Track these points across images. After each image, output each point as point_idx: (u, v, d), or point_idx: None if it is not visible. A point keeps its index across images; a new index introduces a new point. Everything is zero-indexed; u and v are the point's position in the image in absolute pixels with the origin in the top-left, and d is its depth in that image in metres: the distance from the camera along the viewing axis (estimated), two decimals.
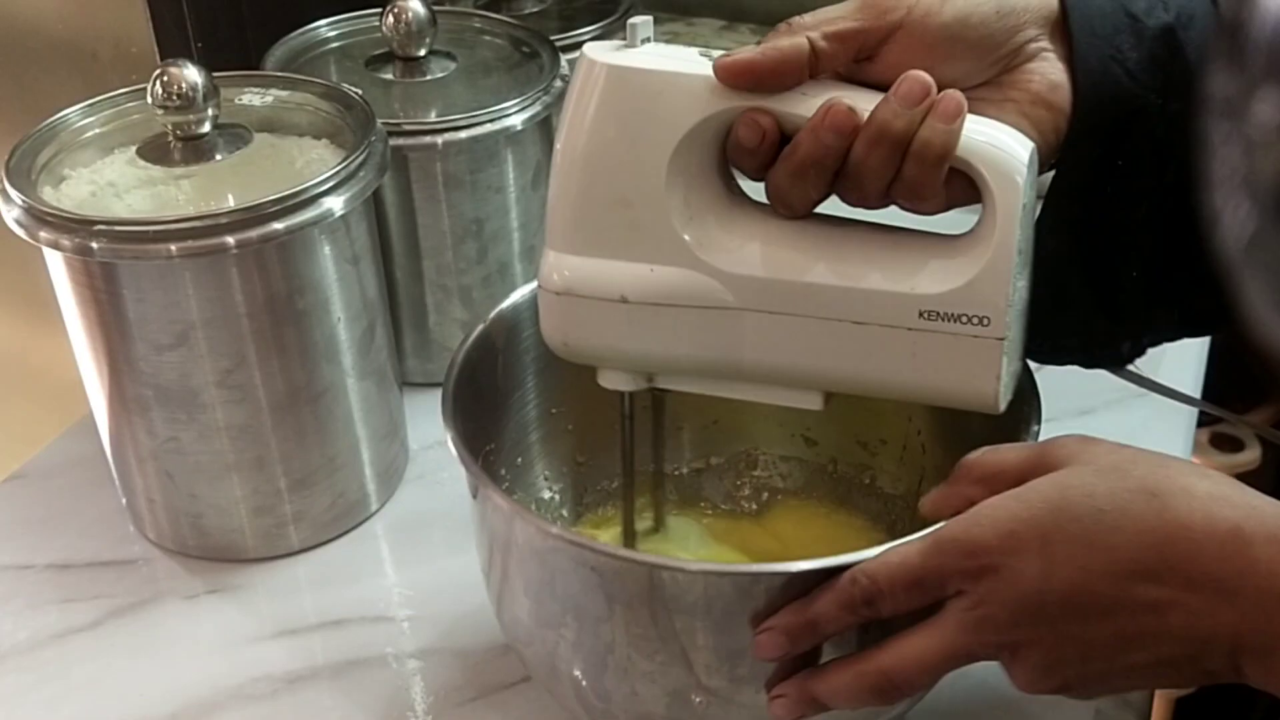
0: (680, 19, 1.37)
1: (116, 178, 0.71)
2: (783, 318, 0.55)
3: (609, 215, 0.55)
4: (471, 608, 0.72)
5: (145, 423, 0.72)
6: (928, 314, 0.53)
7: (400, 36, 0.86)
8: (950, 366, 0.54)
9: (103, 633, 0.72)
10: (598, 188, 0.55)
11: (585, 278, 0.56)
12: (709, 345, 0.56)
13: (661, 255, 0.55)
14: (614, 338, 0.57)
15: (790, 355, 0.56)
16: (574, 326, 0.57)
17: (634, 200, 0.54)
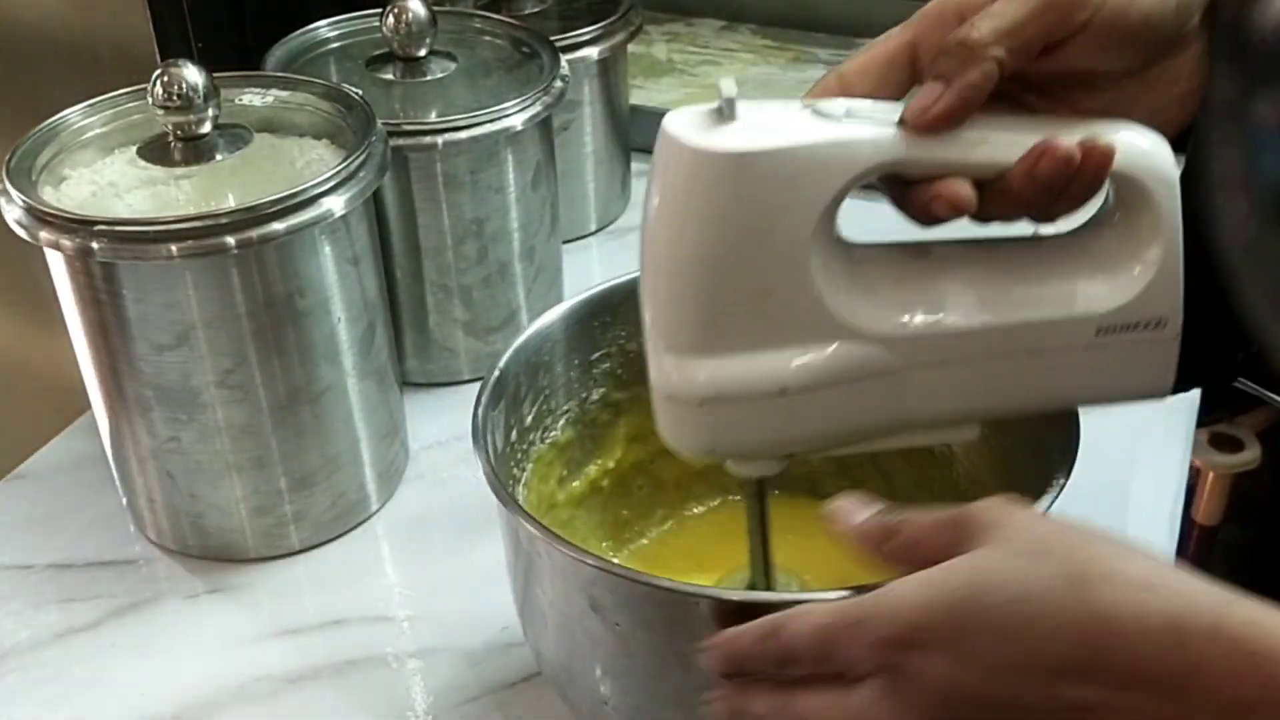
0: (680, 19, 1.37)
1: (117, 178, 0.71)
2: (951, 366, 0.51)
3: (746, 308, 0.49)
4: (472, 607, 0.72)
5: (146, 423, 0.72)
6: (1105, 330, 0.51)
7: (400, 37, 0.86)
8: (1127, 371, 0.52)
9: (103, 632, 0.72)
10: (729, 284, 0.49)
11: (733, 378, 0.50)
12: (874, 411, 0.52)
13: (812, 334, 0.50)
14: (772, 431, 0.51)
15: (960, 399, 0.52)
16: (724, 431, 0.51)
17: (774, 287, 0.49)
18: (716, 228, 0.48)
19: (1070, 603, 0.41)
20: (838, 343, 0.50)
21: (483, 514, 0.79)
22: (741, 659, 0.48)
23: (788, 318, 0.50)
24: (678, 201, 0.49)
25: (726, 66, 1.28)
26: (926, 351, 0.51)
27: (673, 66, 1.28)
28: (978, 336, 0.51)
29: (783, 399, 0.50)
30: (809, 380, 0.50)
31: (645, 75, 1.26)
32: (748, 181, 0.48)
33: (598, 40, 0.99)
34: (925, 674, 0.43)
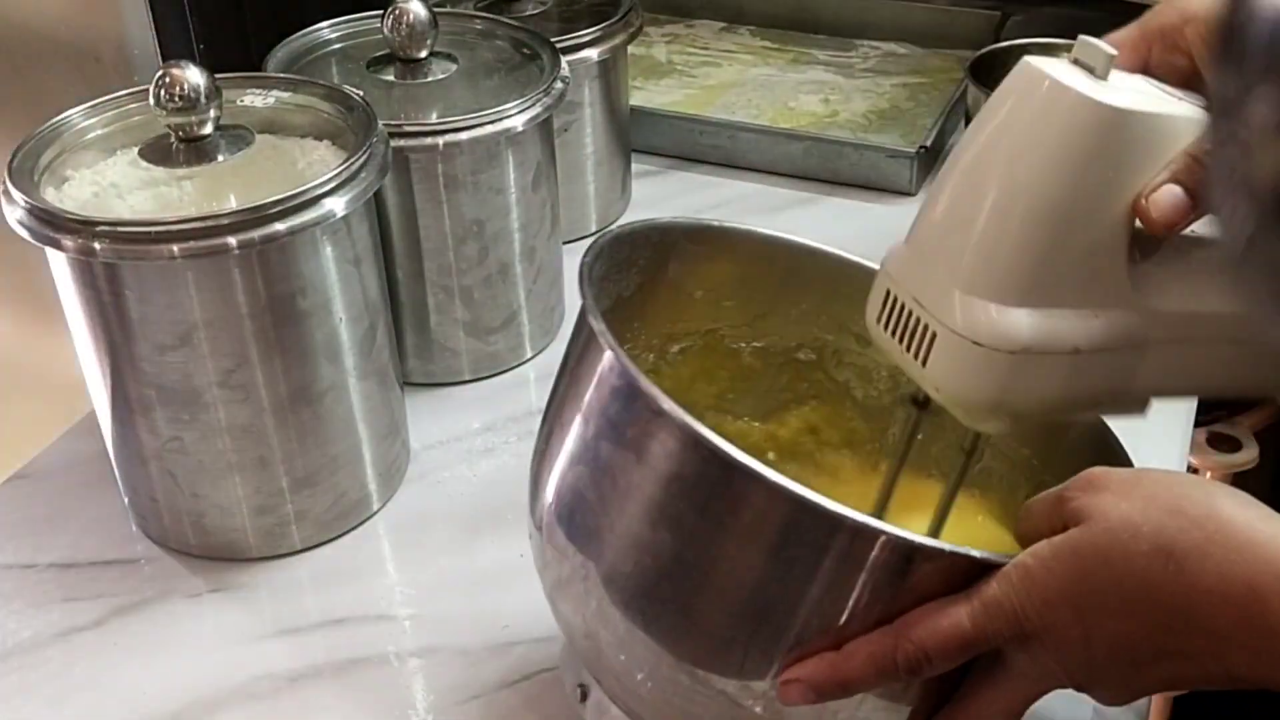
0: (680, 20, 1.37)
1: (119, 179, 0.71)
2: (1186, 346, 0.53)
3: (1076, 263, 0.50)
4: (472, 606, 0.73)
5: (148, 422, 0.72)
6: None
7: (401, 38, 0.86)
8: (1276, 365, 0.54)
9: (105, 632, 0.72)
10: (1073, 235, 0.50)
11: (1044, 332, 0.50)
12: (1112, 380, 0.53)
13: (1109, 300, 0.51)
14: (1050, 391, 0.52)
15: (1175, 378, 0.54)
16: (1017, 384, 0.51)
17: (1104, 247, 0.50)
18: (1082, 177, 0.49)
19: (1165, 581, 0.47)
20: (1121, 310, 0.51)
21: (483, 514, 0.79)
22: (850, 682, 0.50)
23: (1100, 279, 0.51)
24: (1047, 142, 0.49)
25: (726, 67, 1.28)
26: (1175, 328, 0.53)
27: (673, 68, 1.28)
28: (1211, 320, 0.53)
29: (1072, 359, 0.51)
30: (1097, 343, 0.51)
31: (645, 77, 1.26)
32: (1121, 137, 0.49)
33: (598, 42, 1.00)
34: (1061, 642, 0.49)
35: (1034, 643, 0.49)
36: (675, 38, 1.34)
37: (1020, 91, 0.50)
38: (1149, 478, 0.50)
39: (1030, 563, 0.49)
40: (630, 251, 0.62)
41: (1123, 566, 0.47)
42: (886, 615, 0.50)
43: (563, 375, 0.58)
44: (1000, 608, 0.49)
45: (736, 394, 0.71)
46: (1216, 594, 0.46)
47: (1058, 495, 0.51)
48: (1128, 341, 0.52)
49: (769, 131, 1.13)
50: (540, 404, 0.84)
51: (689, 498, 0.51)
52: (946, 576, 0.49)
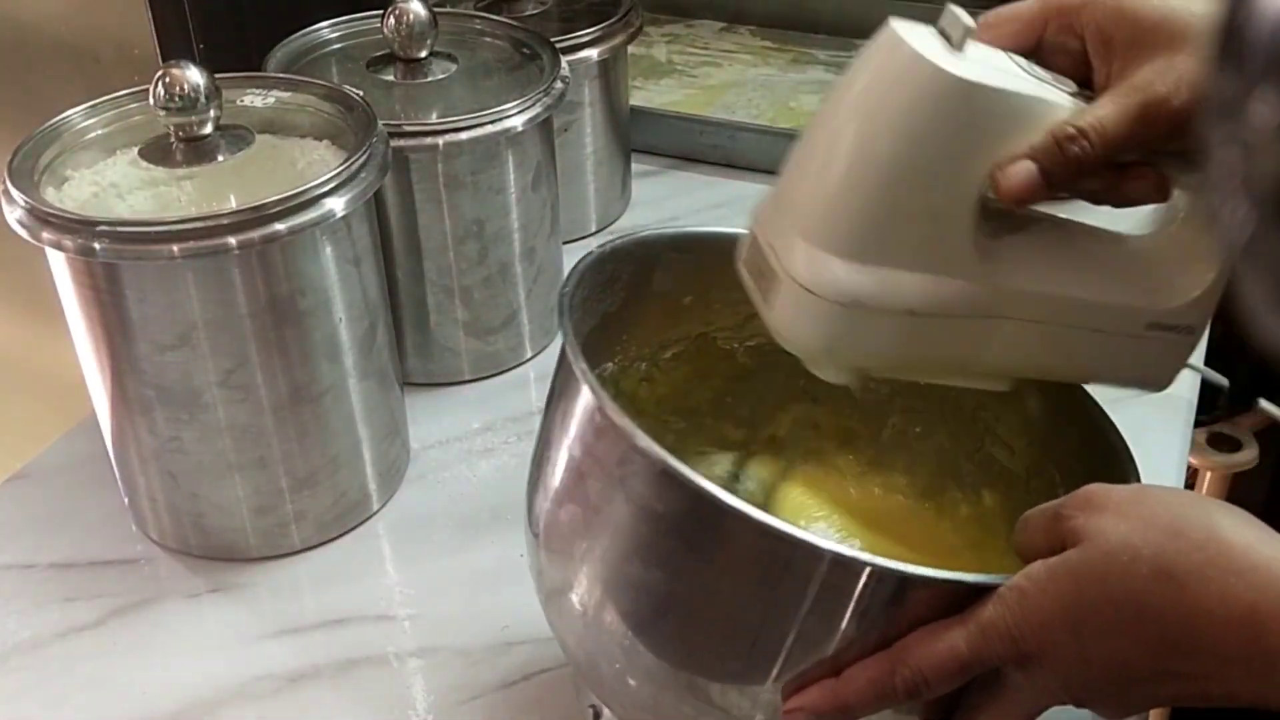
0: (680, 21, 1.37)
1: (119, 179, 0.71)
2: (1035, 325, 0.55)
3: (914, 227, 0.52)
4: (472, 606, 0.73)
5: (147, 422, 0.72)
6: (1154, 325, 0.55)
7: (401, 38, 0.86)
8: (1147, 363, 0.57)
9: (105, 632, 0.72)
10: (912, 198, 0.51)
11: (876, 288, 0.52)
12: (958, 349, 0.55)
13: (950, 268, 0.53)
14: (883, 346, 0.54)
15: (1023, 356, 0.56)
16: (846, 336, 0.53)
17: (946, 214, 0.52)
18: (924, 141, 0.50)
19: (1165, 603, 0.47)
20: (963, 281, 0.53)
21: (483, 514, 0.79)
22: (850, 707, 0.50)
23: (940, 246, 0.52)
24: (893, 106, 0.50)
25: (726, 67, 1.28)
26: (1025, 307, 0.54)
27: (673, 68, 1.28)
28: (1069, 304, 0.55)
29: (906, 319, 0.52)
30: (934, 308, 0.53)
31: (645, 76, 1.26)
32: (970, 108, 0.50)
33: (598, 42, 1.00)
34: (1059, 662, 0.48)
35: (1032, 664, 0.49)
36: (675, 38, 1.34)
37: (876, 53, 0.51)
38: (1149, 497, 0.50)
39: (1026, 585, 0.49)
40: (613, 269, 0.62)
41: (1121, 589, 0.47)
42: (883, 640, 0.50)
43: (549, 406, 0.59)
44: (996, 630, 0.49)
45: (734, 395, 0.71)
46: (1217, 617, 0.46)
47: (1055, 512, 0.51)
48: (972, 312, 0.53)
49: (769, 131, 1.13)
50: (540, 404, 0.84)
51: (674, 534, 0.51)
52: (940, 601, 0.50)
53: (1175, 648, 0.47)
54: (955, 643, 0.49)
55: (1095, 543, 0.48)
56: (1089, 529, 0.49)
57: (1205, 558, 0.46)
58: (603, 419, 0.52)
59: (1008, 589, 0.49)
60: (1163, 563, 0.47)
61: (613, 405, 0.51)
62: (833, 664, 0.50)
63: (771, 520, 0.48)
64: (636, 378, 0.68)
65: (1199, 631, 0.46)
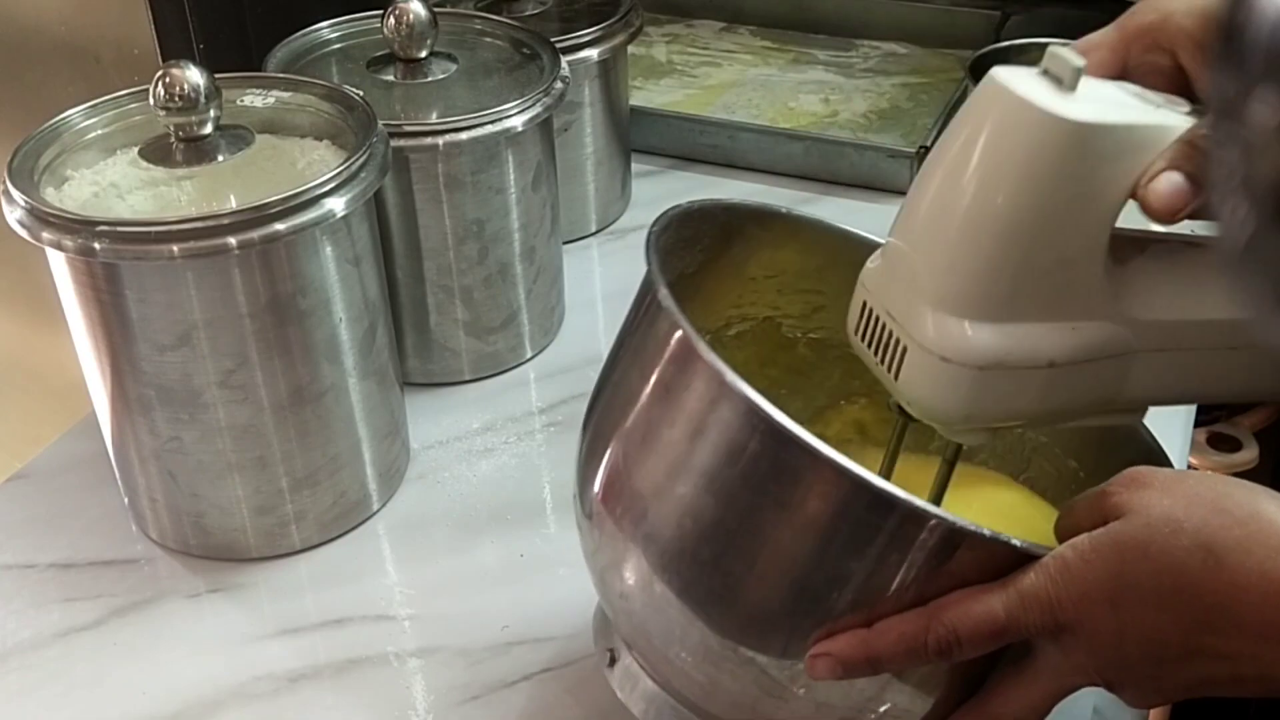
0: (680, 20, 1.37)
1: (119, 179, 0.71)
2: (1171, 353, 0.53)
3: (1046, 278, 0.50)
4: (472, 606, 0.73)
5: (147, 422, 0.72)
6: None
7: (401, 38, 0.86)
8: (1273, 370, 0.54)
9: (105, 632, 0.72)
10: (1041, 251, 0.50)
11: (1014, 347, 0.50)
12: (1098, 392, 0.53)
13: (1085, 312, 0.51)
14: (1025, 403, 0.52)
15: (1165, 386, 0.54)
16: (987, 399, 0.51)
17: (1076, 260, 0.50)
18: (1046, 191, 0.49)
19: (1205, 576, 0.46)
20: (1099, 322, 0.51)
21: (483, 514, 0.79)
22: (879, 659, 0.50)
23: (1073, 292, 0.50)
24: (1012, 159, 0.49)
25: (726, 67, 1.28)
26: (1161, 337, 0.52)
27: (673, 68, 1.28)
28: (1200, 328, 0.53)
29: (1047, 372, 0.51)
30: (1074, 355, 0.51)
31: (645, 76, 1.26)
32: (1087, 152, 0.49)
33: (598, 42, 1.00)
34: (1095, 634, 0.48)
35: (1066, 635, 0.49)
36: (675, 38, 1.34)
37: (985, 106, 0.50)
38: (1193, 477, 0.50)
39: (1069, 555, 0.49)
40: (697, 228, 0.61)
41: (1162, 561, 0.47)
42: (921, 598, 0.50)
43: (622, 346, 0.57)
44: (1036, 598, 0.49)
45: (789, 387, 0.70)
46: (1256, 592, 0.46)
47: (1100, 491, 0.51)
48: (1109, 352, 0.52)
49: (769, 131, 1.13)
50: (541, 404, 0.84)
51: (743, 469, 0.50)
52: (985, 564, 0.49)
53: (1212, 624, 0.47)
54: (993, 606, 0.49)
55: (1138, 515, 0.48)
56: (1133, 503, 0.49)
57: (1247, 533, 0.46)
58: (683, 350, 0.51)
59: (1051, 558, 0.49)
60: (1204, 537, 0.47)
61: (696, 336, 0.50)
62: (866, 615, 0.50)
63: (847, 462, 0.47)
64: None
65: (1238, 606, 0.46)
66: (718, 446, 0.51)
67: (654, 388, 0.54)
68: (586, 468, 0.58)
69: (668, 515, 0.53)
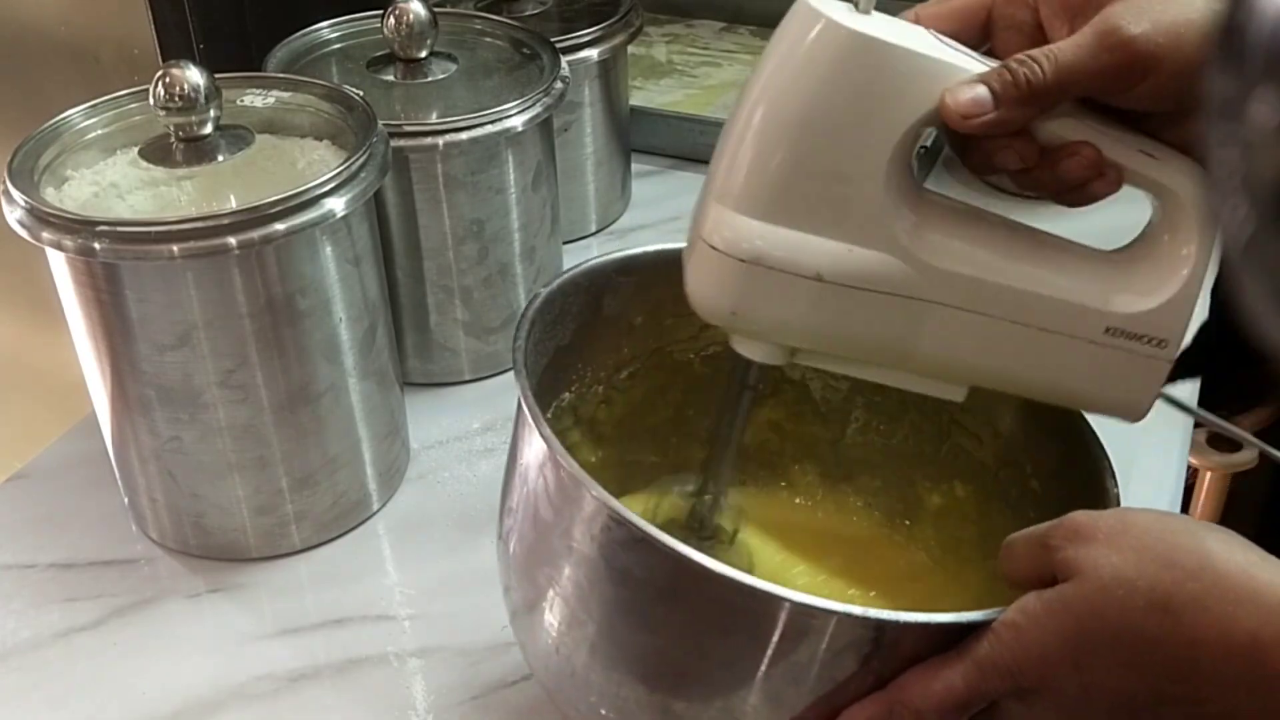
0: (680, 20, 1.37)
1: (119, 179, 0.71)
2: (971, 315, 0.54)
3: (818, 187, 0.51)
4: (472, 606, 0.73)
5: (147, 422, 0.72)
6: (1113, 331, 0.53)
7: (401, 38, 0.86)
8: (1115, 380, 0.54)
9: (105, 632, 0.72)
10: (814, 156, 0.51)
11: (780, 249, 0.51)
12: (886, 332, 0.54)
13: (865, 237, 0.52)
14: (792, 314, 0.53)
15: (964, 351, 0.55)
16: (751, 297, 0.53)
17: (851, 176, 0.51)
18: (823, 97, 0.50)
19: (1164, 635, 0.46)
20: (881, 253, 0.52)
21: (484, 514, 0.79)
22: None
23: (848, 211, 0.52)
24: (795, 66, 0.51)
25: (726, 67, 1.28)
26: (955, 292, 0.53)
27: (673, 68, 1.28)
28: (1002, 294, 0.53)
29: (815, 285, 0.52)
30: (844, 275, 0.52)
31: (645, 76, 1.26)
32: (866, 64, 0.50)
33: (598, 42, 1.00)
34: (1059, 694, 0.48)
35: (1032, 696, 0.49)
36: (675, 38, 1.34)
37: (787, 20, 0.52)
38: (1136, 524, 0.49)
39: (1020, 620, 0.48)
40: (561, 304, 0.63)
41: (1119, 622, 0.47)
42: (878, 681, 0.50)
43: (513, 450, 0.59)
44: (995, 666, 0.48)
45: (694, 407, 0.70)
46: (1218, 646, 0.46)
47: (1042, 541, 0.50)
48: (890, 288, 0.53)
49: None
50: None
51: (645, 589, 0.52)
52: (933, 642, 0.50)
53: (1176, 676, 0.47)
54: (952, 681, 0.49)
55: (1089, 577, 0.48)
56: (1080, 561, 0.48)
57: (1201, 587, 0.46)
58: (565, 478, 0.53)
59: (1002, 625, 0.49)
60: (1159, 595, 0.46)
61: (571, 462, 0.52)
62: (829, 703, 0.50)
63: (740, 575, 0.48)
64: (595, 401, 0.68)
65: (1199, 660, 0.46)
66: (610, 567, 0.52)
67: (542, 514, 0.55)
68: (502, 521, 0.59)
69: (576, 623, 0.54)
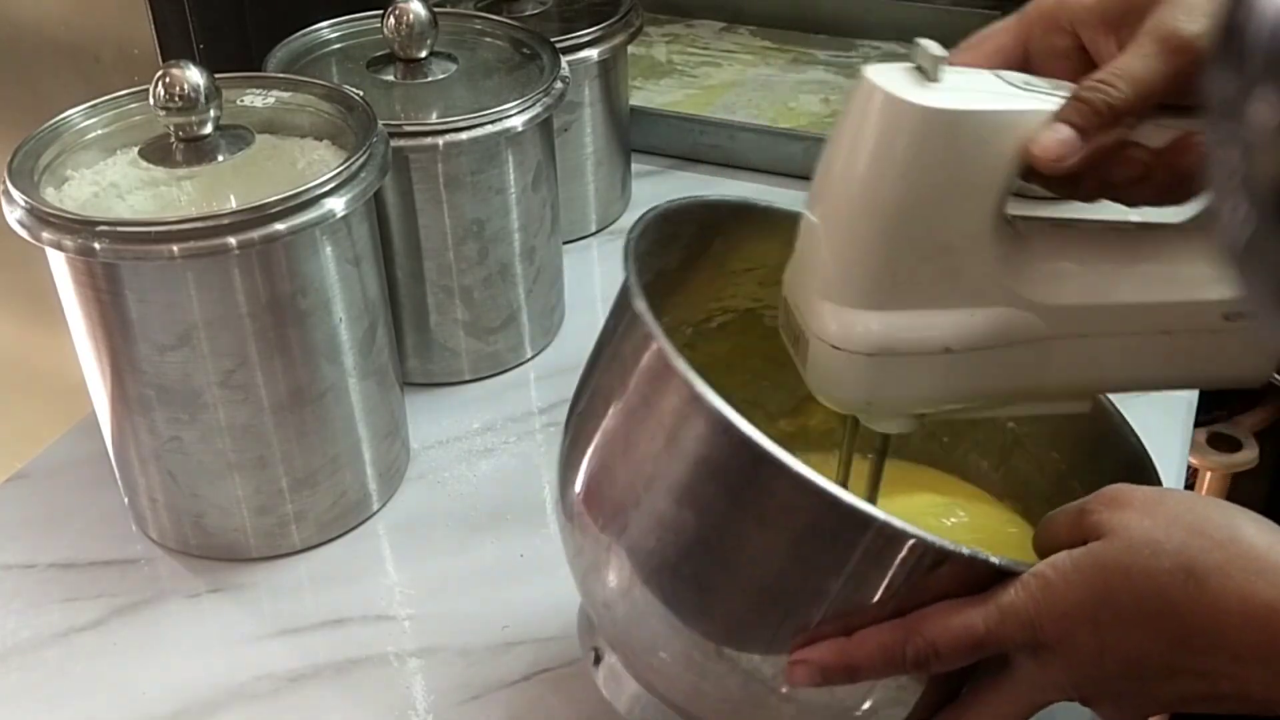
0: (680, 20, 1.37)
1: (119, 179, 0.71)
2: (1091, 338, 0.54)
3: (927, 265, 0.51)
4: (473, 606, 0.73)
5: (148, 422, 0.72)
6: (1232, 315, 0.53)
7: (401, 38, 0.86)
8: (1239, 354, 0.54)
9: (105, 632, 0.72)
10: (915, 238, 0.51)
11: (902, 334, 0.52)
12: (1018, 377, 0.54)
13: (982, 299, 0.52)
14: (928, 389, 0.53)
15: (1093, 372, 0.55)
16: (885, 385, 0.53)
17: (956, 247, 0.51)
18: (912, 180, 0.50)
19: (1186, 599, 0.47)
20: (1001, 308, 0.52)
21: (483, 514, 0.79)
22: (857, 669, 0.50)
23: (961, 278, 0.52)
24: (876, 151, 0.51)
25: (726, 67, 1.28)
26: (1076, 322, 0.53)
27: (673, 68, 1.28)
28: (1120, 312, 0.53)
29: (945, 358, 0.52)
30: (972, 342, 0.52)
31: (645, 76, 1.26)
32: (949, 137, 0.50)
33: (598, 41, 1.00)
34: (1075, 651, 0.49)
35: (1045, 652, 0.49)
36: (675, 38, 1.34)
37: (855, 101, 0.52)
38: (1172, 497, 0.50)
39: (1050, 573, 0.49)
40: (675, 227, 0.62)
41: (1144, 582, 0.47)
42: (901, 609, 0.50)
43: (600, 353, 0.58)
44: (1016, 615, 0.49)
45: (771, 380, 0.69)
46: (1237, 614, 0.46)
47: (1080, 508, 0.51)
48: (1016, 338, 0.53)
49: (769, 131, 1.13)
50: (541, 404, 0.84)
51: (718, 481, 0.51)
52: (964, 580, 0.50)
53: (1192, 643, 0.47)
54: (973, 620, 0.49)
55: (1119, 536, 0.49)
56: (1113, 523, 0.49)
57: (1226, 557, 0.47)
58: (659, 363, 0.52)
59: (1032, 575, 0.49)
60: (1185, 559, 0.47)
61: (673, 350, 0.51)
62: (845, 624, 0.50)
63: (822, 480, 0.48)
64: (680, 342, 0.67)
65: (1218, 628, 0.47)
66: (693, 461, 0.51)
67: (630, 398, 0.54)
68: (567, 470, 0.58)
69: (647, 527, 0.53)
